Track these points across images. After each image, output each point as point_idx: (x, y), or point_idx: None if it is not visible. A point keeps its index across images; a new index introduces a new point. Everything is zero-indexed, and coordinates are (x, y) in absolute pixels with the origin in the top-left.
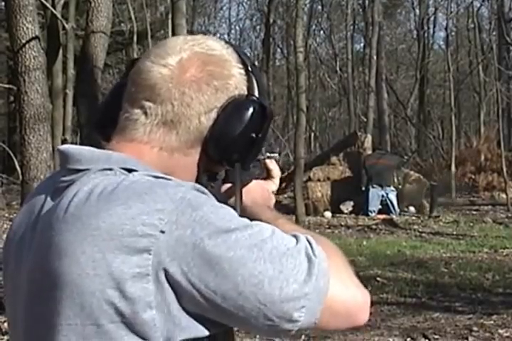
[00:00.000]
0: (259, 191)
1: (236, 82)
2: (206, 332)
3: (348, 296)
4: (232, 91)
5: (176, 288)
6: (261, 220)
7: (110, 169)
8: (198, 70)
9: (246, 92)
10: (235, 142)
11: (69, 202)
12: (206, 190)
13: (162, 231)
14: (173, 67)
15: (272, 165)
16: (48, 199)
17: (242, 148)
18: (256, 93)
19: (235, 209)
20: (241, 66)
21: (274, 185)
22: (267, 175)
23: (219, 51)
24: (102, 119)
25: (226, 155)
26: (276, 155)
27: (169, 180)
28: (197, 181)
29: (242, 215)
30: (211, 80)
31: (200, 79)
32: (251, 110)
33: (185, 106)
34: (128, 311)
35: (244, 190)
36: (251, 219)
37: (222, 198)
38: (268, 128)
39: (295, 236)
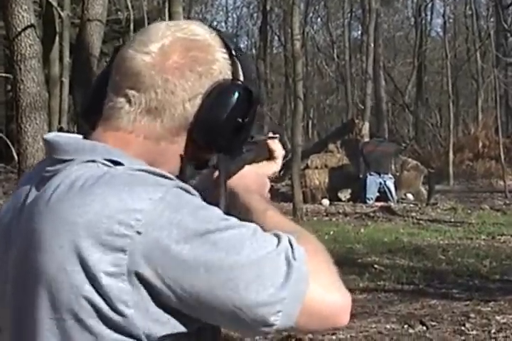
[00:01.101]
0: (254, 177)
1: (220, 66)
2: (188, 328)
3: (327, 299)
4: (216, 77)
5: (151, 288)
6: (250, 210)
7: (93, 161)
8: (181, 56)
9: (231, 77)
10: (221, 128)
11: (51, 194)
12: (189, 187)
13: (138, 232)
14: (156, 54)
15: (275, 146)
16: (33, 189)
17: (229, 133)
18: (241, 77)
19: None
20: (225, 50)
21: (276, 165)
22: (270, 156)
23: (202, 36)
24: (88, 107)
25: (213, 142)
26: (278, 136)
27: (153, 173)
28: (181, 170)
29: (231, 205)
30: (194, 66)
31: (183, 66)
32: (236, 95)
33: (168, 94)
34: (105, 307)
35: (238, 175)
36: (241, 209)
37: (213, 185)
38: (255, 112)
39: (277, 236)
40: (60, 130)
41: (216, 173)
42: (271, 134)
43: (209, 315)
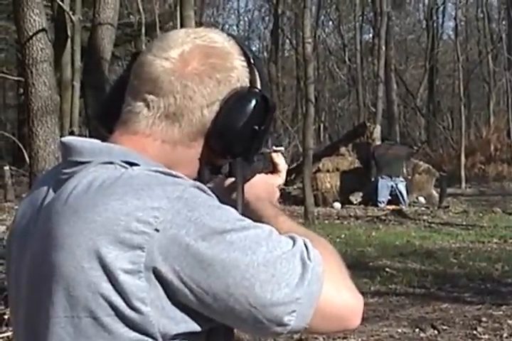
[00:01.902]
0: (263, 185)
1: (238, 74)
2: (202, 327)
3: (340, 301)
4: (234, 84)
5: (168, 286)
6: (262, 216)
7: (111, 162)
8: (200, 63)
9: (248, 85)
10: (237, 134)
11: (68, 194)
12: (206, 188)
13: (156, 230)
14: (175, 60)
15: (278, 159)
16: (50, 191)
17: (245, 140)
18: (258, 85)
19: (235, 207)
20: (243, 58)
21: (280, 179)
22: (273, 169)
23: (221, 43)
24: (105, 112)
25: (229, 148)
26: (282, 148)
27: (169, 174)
28: (199, 174)
29: (243, 212)
30: (213, 73)
31: (202, 72)
32: (253, 102)
33: (187, 99)
34: (122, 305)
35: (247, 184)
36: (252, 216)
37: (226, 192)
38: (271, 120)
39: (292, 238)
40: (72, 133)
41: (227, 182)
42: (275, 147)
43: (224, 314)
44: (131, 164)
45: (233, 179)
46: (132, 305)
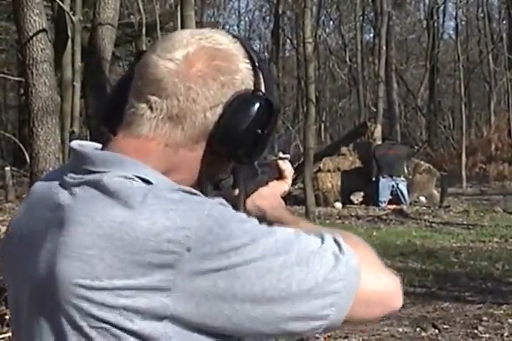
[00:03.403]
0: (273, 195)
1: (243, 76)
2: None
3: (382, 287)
4: (238, 87)
5: (200, 303)
6: (283, 224)
7: (126, 177)
8: (205, 65)
9: (253, 87)
10: (240, 137)
11: (89, 205)
12: (228, 204)
13: (188, 249)
14: (180, 62)
15: (285, 166)
16: (58, 194)
17: (248, 143)
18: (262, 88)
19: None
20: (248, 61)
21: (286, 185)
22: (280, 176)
23: (226, 45)
24: (108, 113)
25: (231, 151)
26: (288, 156)
27: (192, 193)
28: (199, 178)
29: (260, 221)
30: (217, 75)
31: (206, 74)
32: (257, 105)
33: (190, 101)
34: (142, 323)
35: (256, 194)
36: (272, 225)
37: (234, 202)
38: (275, 124)
39: (321, 235)
40: (72, 134)
41: (236, 191)
42: (281, 154)
43: (263, 320)
44: (143, 180)
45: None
46: (153, 322)
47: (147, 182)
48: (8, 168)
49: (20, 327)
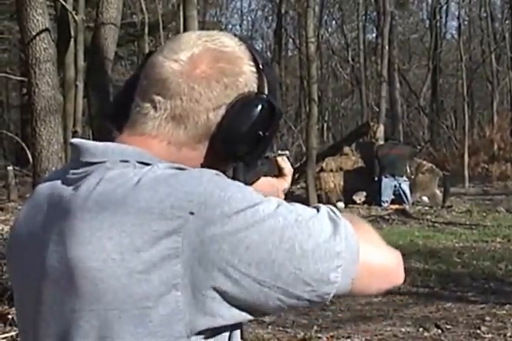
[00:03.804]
0: (269, 188)
1: (246, 79)
2: (227, 322)
3: (382, 256)
4: (241, 89)
5: (208, 268)
6: None
7: (127, 161)
8: (209, 66)
9: (256, 90)
10: (241, 139)
11: (91, 191)
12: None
13: (191, 213)
14: (184, 63)
15: (284, 163)
16: (62, 191)
17: (249, 145)
18: (266, 91)
19: None
20: (253, 64)
21: (286, 183)
22: (279, 173)
23: (231, 48)
24: (115, 111)
25: (232, 152)
26: (287, 152)
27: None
28: None
29: None
30: (221, 77)
31: (210, 76)
32: (259, 108)
33: (193, 102)
34: (154, 294)
35: (252, 187)
36: None
37: None
38: (276, 127)
39: (315, 207)
40: (75, 133)
41: None
42: (280, 151)
43: (270, 286)
44: (146, 164)
45: None
46: (164, 292)
47: (149, 165)
48: (10, 168)
49: (30, 327)
